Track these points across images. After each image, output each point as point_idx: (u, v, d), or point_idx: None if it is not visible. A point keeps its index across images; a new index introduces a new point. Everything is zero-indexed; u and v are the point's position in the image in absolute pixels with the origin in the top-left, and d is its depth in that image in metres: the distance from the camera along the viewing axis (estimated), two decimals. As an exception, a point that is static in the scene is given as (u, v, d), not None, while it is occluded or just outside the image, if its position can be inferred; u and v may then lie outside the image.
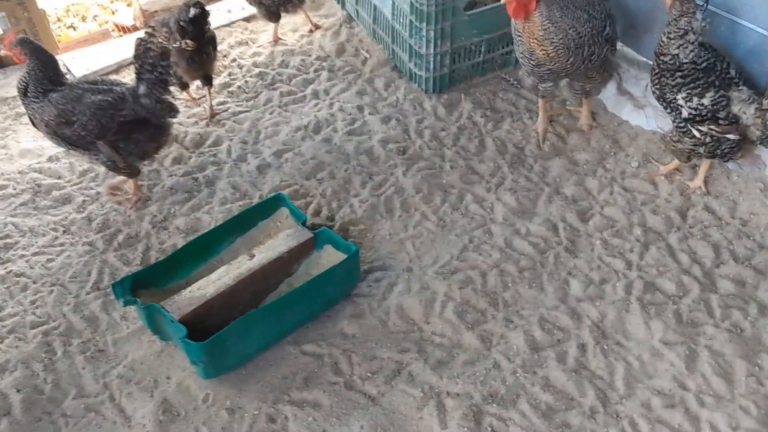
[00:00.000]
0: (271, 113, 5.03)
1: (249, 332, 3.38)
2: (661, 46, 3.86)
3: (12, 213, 4.38)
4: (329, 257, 3.79)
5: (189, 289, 3.56)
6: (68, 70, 5.44)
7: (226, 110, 5.07)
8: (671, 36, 3.79)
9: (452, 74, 5.06)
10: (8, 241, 4.21)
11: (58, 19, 6.54)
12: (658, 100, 4.02)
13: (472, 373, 3.43)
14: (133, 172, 4.29)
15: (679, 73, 3.82)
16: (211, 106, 5.04)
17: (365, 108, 4.98)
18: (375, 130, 4.79)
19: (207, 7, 4.69)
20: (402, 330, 3.65)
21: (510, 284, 3.83)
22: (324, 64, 5.46)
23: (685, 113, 3.88)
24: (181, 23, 4.52)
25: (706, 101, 3.80)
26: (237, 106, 5.14)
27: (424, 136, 4.74)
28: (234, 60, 5.56)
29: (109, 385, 3.49)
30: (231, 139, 4.85)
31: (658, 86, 3.95)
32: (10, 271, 4.04)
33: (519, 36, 4.14)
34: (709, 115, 3.82)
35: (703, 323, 3.57)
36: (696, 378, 3.36)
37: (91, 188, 4.54)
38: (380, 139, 4.71)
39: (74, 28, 6.43)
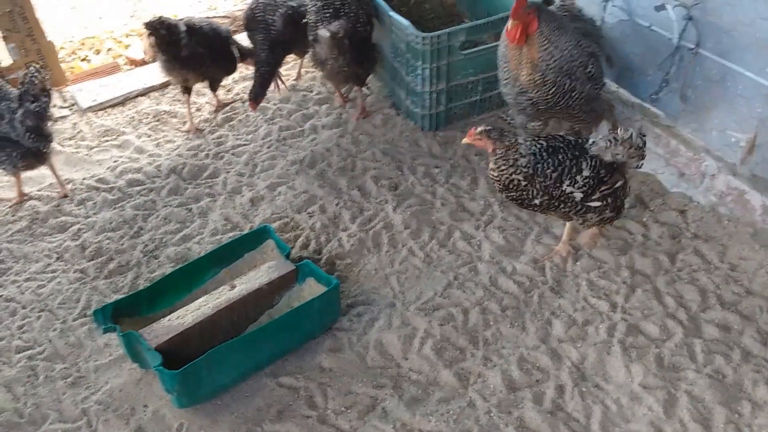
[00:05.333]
0: (268, 147, 5.11)
1: (223, 363, 3.40)
2: (500, 180, 3.72)
3: (8, 239, 4.48)
4: (311, 290, 3.81)
5: (168, 317, 3.59)
6: (75, 101, 5.60)
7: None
8: (503, 168, 3.66)
9: (449, 112, 5.10)
10: (1, 266, 4.30)
11: (73, 52, 6.69)
12: (548, 209, 3.84)
13: (446, 410, 3.40)
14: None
15: (550, 170, 3.69)
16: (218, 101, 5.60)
17: (362, 144, 5.03)
18: (369, 166, 4.83)
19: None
20: (380, 365, 3.64)
21: (492, 322, 3.82)
22: (324, 99, 5.53)
23: (578, 196, 3.75)
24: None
25: (587, 172, 3.72)
26: (236, 139, 5.23)
27: (417, 172, 4.77)
28: (237, 94, 5.66)
29: (88, 412, 3.52)
30: (228, 172, 4.92)
31: (543, 196, 3.75)
32: (1, 295, 4.11)
33: (505, 63, 4.15)
34: (596, 181, 3.74)
35: (685, 368, 3.52)
36: (673, 423, 3.31)
37: (89, 216, 4.62)
38: (373, 175, 4.75)
39: (87, 61, 6.58)
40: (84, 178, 4.92)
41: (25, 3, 5.36)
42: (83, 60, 6.61)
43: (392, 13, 4.91)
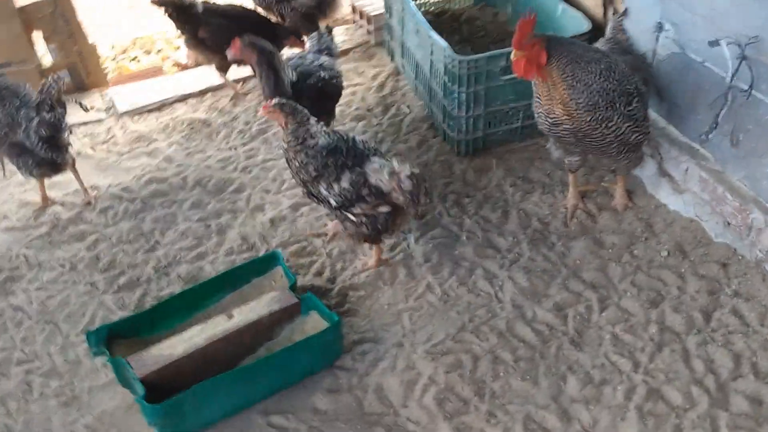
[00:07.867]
0: (298, 164, 4.97)
1: (211, 398, 3.28)
2: (286, 157, 3.91)
3: (27, 245, 4.48)
4: (315, 324, 3.66)
5: (159, 346, 3.49)
6: (113, 104, 5.60)
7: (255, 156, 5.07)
8: (291, 144, 3.80)
9: (486, 138, 4.87)
10: (17, 273, 4.30)
11: (124, 51, 6.72)
12: (310, 198, 4.00)
13: (439, 469, 3.20)
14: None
15: (311, 167, 3.78)
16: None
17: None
18: (397, 190, 4.65)
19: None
20: (376, 412, 3.46)
21: (502, 374, 3.58)
22: (362, 116, 5.38)
23: (333, 202, 3.80)
24: None
25: (345, 184, 3.71)
26: (267, 153, 5.12)
27: (447, 200, 4.55)
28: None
29: (75, 435, 3.46)
30: (254, 187, 4.81)
31: (304, 188, 3.94)
32: (11, 303, 4.10)
33: (538, 99, 3.91)
34: (354, 196, 3.72)
35: (706, 444, 3.23)
36: (686, 506, 3.03)
37: (108, 226, 4.58)
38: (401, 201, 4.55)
39: (137, 61, 6.59)
40: (110, 185, 4.88)
41: (66, 5, 5.37)
42: (133, 60, 6.62)
43: (432, 33, 4.72)
